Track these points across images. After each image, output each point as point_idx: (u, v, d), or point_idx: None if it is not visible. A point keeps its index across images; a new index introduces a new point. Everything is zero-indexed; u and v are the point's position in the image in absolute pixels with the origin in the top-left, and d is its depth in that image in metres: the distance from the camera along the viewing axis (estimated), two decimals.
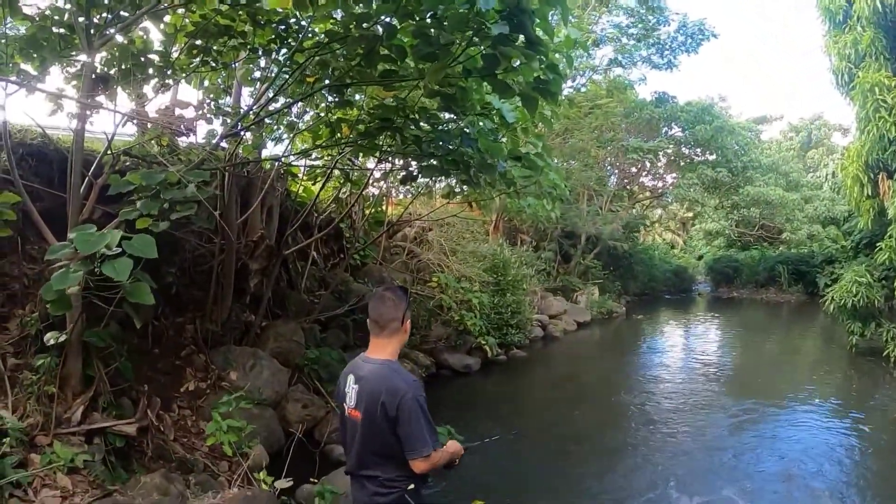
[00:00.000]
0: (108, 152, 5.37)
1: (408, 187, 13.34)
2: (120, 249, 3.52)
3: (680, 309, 26.34)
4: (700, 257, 39.76)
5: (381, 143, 6.11)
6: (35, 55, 5.13)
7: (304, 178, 9.10)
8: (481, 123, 5.41)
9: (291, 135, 7.48)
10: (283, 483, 5.06)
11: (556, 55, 4.61)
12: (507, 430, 8.06)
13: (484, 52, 3.76)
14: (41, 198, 5.64)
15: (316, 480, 5.26)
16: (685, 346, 16.94)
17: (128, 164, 6.12)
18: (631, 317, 22.05)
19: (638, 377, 12.52)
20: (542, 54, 3.82)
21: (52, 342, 4.87)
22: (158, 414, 5.93)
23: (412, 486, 2.86)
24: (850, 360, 13.54)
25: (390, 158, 7.17)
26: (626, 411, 9.76)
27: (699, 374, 12.39)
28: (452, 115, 5.46)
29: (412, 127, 5.44)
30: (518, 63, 3.91)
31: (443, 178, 7.13)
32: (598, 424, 8.86)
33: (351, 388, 2.91)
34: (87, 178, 5.17)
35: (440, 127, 5.52)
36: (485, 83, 4.76)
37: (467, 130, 5.30)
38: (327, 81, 5.31)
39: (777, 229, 28.84)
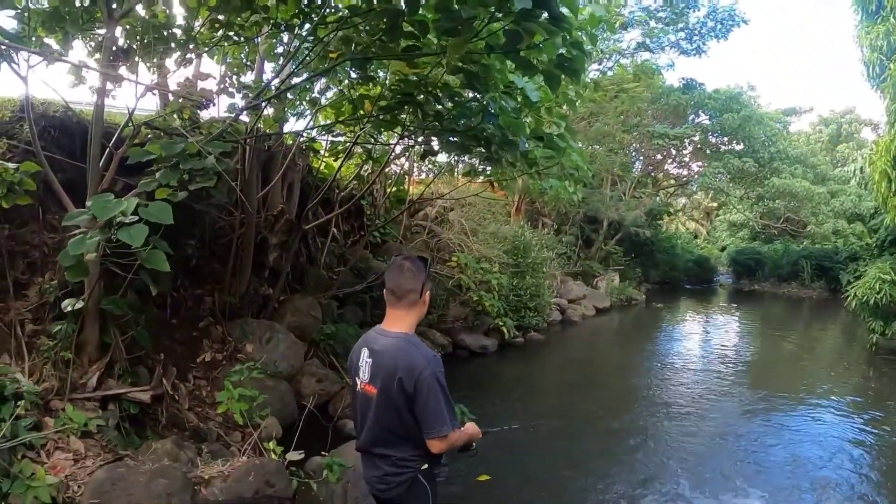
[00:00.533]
0: (129, 124, 5.39)
1: (430, 166, 13.31)
2: (136, 217, 3.54)
3: (700, 299, 26.11)
4: (723, 248, 39.37)
5: (402, 118, 6.07)
6: (58, 28, 5.13)
7: (326, 154, 9.09)
8: (503, 103, 5.33)
9: (314, 110, 7.47)
10: (294, 455, 5.10)
11: (580, 34, 4.53)
12: (521, 410, 8.13)
13: (506, 27, 3.69)
14: (63, 169, 5.67)
15: (327, 454, 5.27)
16: (703, 336, 16.79)
17: (149, 136, 6.15)
18: (650, 305, 21.95)
19: (653, 364, 12.43)
20: (565, 31, 3.74)
21: (69, 309, 4.93)
22: (174, 383, 5.99)
23: (426, 465, 2.75)
24: (869, 359, 13.29)
25: (411, 135, 7.13)
26: (638, 396, 9.73)
27: (715, 364, 12.28)
28: (475, 93, 5.40)
29: (434, 103, 5.39)
30: (541, 40, 3.83)
31: (464, 155, 7.07)
32: (610, 408, 8.82)
33: (365, 362, 2.75)
34: (107, 150, 5.19)
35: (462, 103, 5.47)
36: (508, 61, 4.69)
37: (489, 108, 5.24)
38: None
39: (802, 223, 28.36)
